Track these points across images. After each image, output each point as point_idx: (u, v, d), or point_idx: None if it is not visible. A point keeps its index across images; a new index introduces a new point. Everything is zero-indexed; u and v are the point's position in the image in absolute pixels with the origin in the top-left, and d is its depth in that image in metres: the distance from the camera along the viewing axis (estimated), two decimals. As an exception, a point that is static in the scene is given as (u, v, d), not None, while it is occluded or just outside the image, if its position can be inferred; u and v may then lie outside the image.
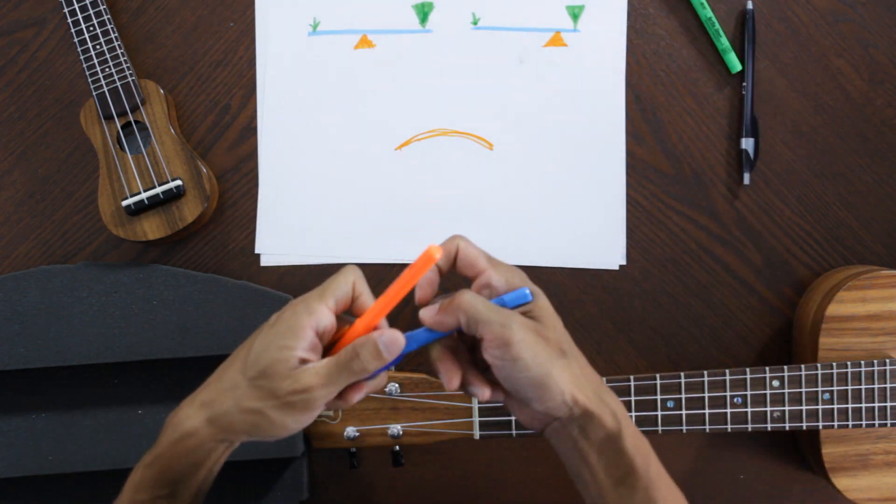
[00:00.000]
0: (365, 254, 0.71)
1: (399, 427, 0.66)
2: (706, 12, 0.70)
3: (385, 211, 0.71)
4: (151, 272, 0.67)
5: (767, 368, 0.64)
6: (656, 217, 0.71)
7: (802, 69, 0.71)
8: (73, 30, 0.68)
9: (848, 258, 0.71)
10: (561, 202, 0.71)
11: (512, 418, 0.65)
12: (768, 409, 0.64)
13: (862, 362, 0.63)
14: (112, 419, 0.67)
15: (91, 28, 0.68)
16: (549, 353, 0.45)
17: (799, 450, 0.71)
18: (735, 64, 0.70)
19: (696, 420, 0.63)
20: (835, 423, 0.64)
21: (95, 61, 0.68)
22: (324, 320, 0.46)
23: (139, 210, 0.67)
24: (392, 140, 0.72)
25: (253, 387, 0.46)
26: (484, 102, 0.72)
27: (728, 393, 0.64)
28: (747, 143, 0.70)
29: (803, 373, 0.64)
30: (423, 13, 0.72)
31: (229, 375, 0.48)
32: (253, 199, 0.72)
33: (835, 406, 0.64)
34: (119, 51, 0.68)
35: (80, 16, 0.68)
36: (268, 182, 0.72)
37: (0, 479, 0.66)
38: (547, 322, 0.46)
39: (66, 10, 0.68)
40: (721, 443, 0.71)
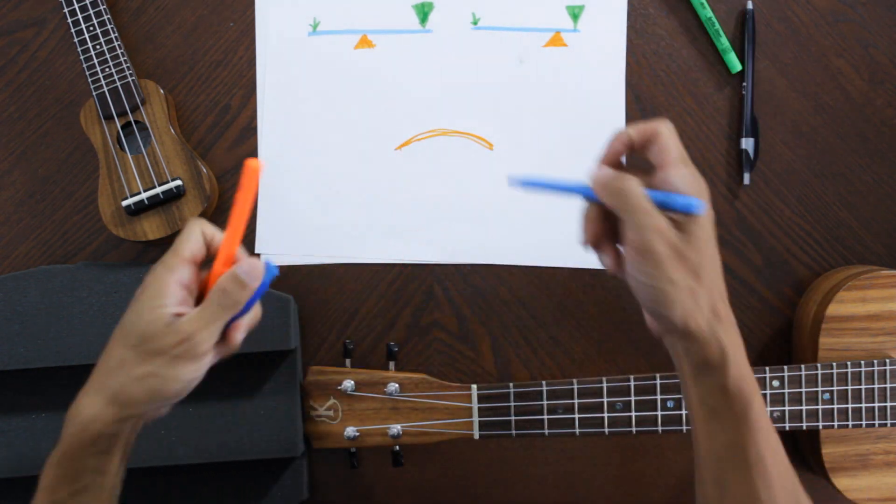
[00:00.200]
0: (365, 253, 0.71)
1: (399, 427, 0.66)
2: (706, 12, 0.70)
3: (385, 211, 0.71)
4: (151, 272, 0.67)
5: (767, 368, 0.64)
6: (656, 217, 0.71)
7: (802, 69, 0.71)
8: (73, 30, 0.68)
9: (848, 258, 0.71)
10: (561, 202, 0.71)
11: (512, 418, 0.65)
12: (768, 409, 0.64)
13: (862, 362, 0.63)
14: (112, 419, 0.67)
15: (91, 28, 0.68)
16: (678, 273, 0.45)
17: (799, 450, 0.71)
18: (735, 64, 0.70)
19: (696, 420, 0.63)
20: (835, 423, 0.64)
21: (95, 61, 0.68)
22: (185, 273, 0.48)
23: (139, 210, 0.67)
24: (392, 140, 0.72)
25: (139, 353, 0.47)
26: (484, 102, 0.72)
27: (728, 393, 0.64)
28: (747, 143, 0.70)
29: (803, 373, 0.64)
30: (423, 13, 0.72)
31: (114, 354, 0.48)
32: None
33: (835, 406, 0.64)
34: (119, 51, 0.68)
35: (80, 16, 0.68)
36: (267, 182, 0.72)
37: (0, 479, 0.66)
38: (695, 242, 0.45)
39: (66, 10, 0.68)
40: (721, 443, 0.71)
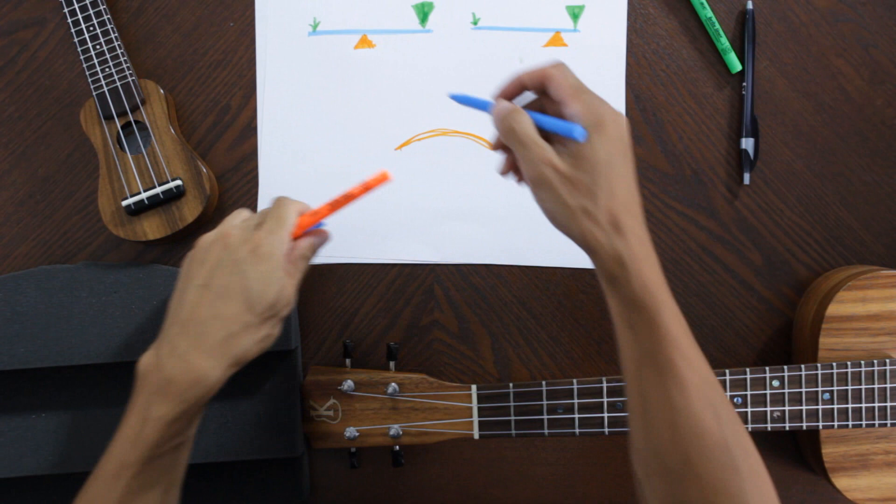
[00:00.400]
0: (364, 253, 0.71)
1: (399, 427, 0.66)
2: (706, 12, 0.70)
3: (385, 211, 0.71)
4: (151, 272, 0.67)
5: (767, 368, 0.64)
6: (656, 217, 0.71)
7: (802, 69, 0.71)
8: (73, 30, 0.68)
9: (848, 258, 0.71)
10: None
11: (512, 418, 0.65)
12: (768, 409, 0.64)
13: (862, 362, 0.63)
14: (112, 419, 0.66)
15: (91, 28, 0.68)
16: (571, 197, 0.49)
17: (799, 450, 0.71)
18: (735, 64, 0.70)
19: (696, 420, 0.63)
20: (835, 423, 0.64)
21: (95, 61, 0.68)
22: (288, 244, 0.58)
23: (139, 210, 0.67)
24: (392, 140, 0.72)
25: (262, 319, 0.55)
26: (484, 102, 0.72)
27: (728, 393, 0.64)
28: (747, 143, 0.70)
29: (803, 373, 0.64)
30: (423, 13, 0.72)
31: (239, 319, 0.54)
32: (253, 199, 0.72)
33: (835, 406, 0.64)
34: (119, 51, 0.68)
35: (80, 16, 0.68)
36: (268, 182, 0.72)
37: (0, 479, 0.66)
38: (586, 164, 0.49)
39: (66, 10, 0.68)
40: (721, 443, 0.71)
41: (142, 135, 0.69)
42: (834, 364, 0.63)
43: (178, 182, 0.67)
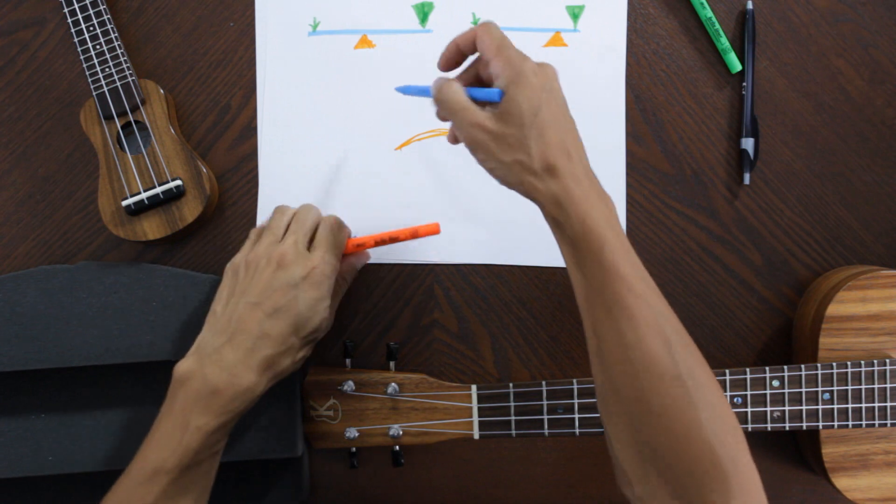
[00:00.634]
0: (369, 253, 0.71)
1: (399, 427, 0.66)
2: (706, 12, 0.70)
3: (385, 210, 0.71)
4: (151, 272, 0.67)
5: (767, 368, 0.64)
6: (656, 217, 0.71)
7: (802, 69, 0.71)
8: (73, 30, 0.68)
9: (848, 258, 0.71)
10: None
11: (512, 418, 0.65)
12: (768, 409, 0.64)
13: (862, 362, 0.63)
14: (112, 419, 0.67)
15: (91, 28, 0.68)
16: (504, 154, 0.51)
17: (799, 450, 0.71)
18: (735, 64, 0.70)
19: (696, 420, 0.63)
20: (835, 423, 0.64)
21: (95, 61, 0.68)
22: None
23: (139, 210, 0.67)
24: (392, 140, 0.72)
25: (304, 342, 0.59)
26: (484, 102, 0.71)
27: (728, 393, 0.64)
28: (747, 143, 0.70)
29: (803, 373, 0.64)
30: (424, 13, 0.72)
31: (281, 337, 0.57)
32: (253, 199, 0.72)
33: (835, 406, 0.64)
34: (119, 51, 0.68)
35: (80, 16, 0.68)
36: (267, 182, 0.72)
37: (0, 479, 0.66)
38: (512, 119, 0.51)
39: (66, 10, 0.68)
40: (721, 443, 0.71)
41: (142, 135, 0.69)
42: (834, 364, 0.63)
43: (178, 182, 0.67)
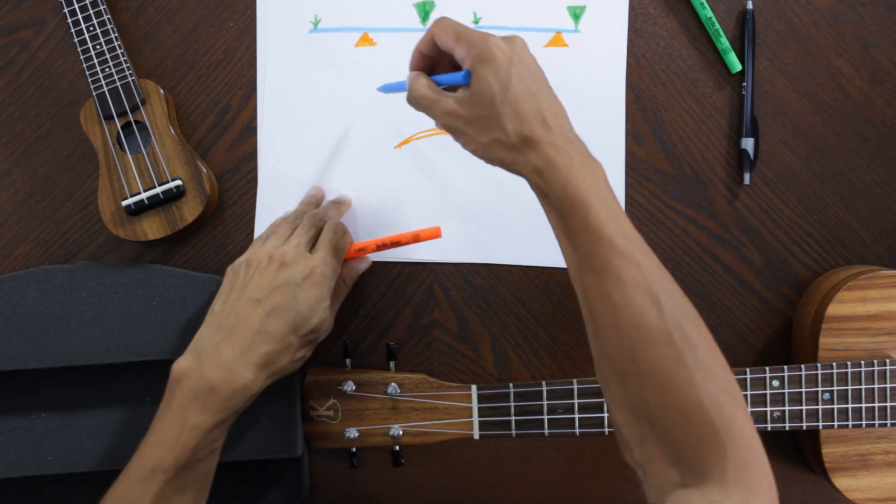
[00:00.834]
0: (370, 258, 0.71)
1: (399, 427, 0.66)
2: (706, 12, 0.70)
3: (385, 209, 0.71)
4: (151, 272, 0.67)
5: (767, 368, 0.64)
6: (656, 217, 0.71)
7: (802, 69, 0.71)
8: (73, 30, 0.68)
9: (848, 258, 0.71)
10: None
11: (512, 418, 0.65)
12: (768, 409, 0.64)
13: (862, 362, 0.63)
14: (112, 419, 0.67)
15: (91, 28, 0.68)
16: (479, 134, 0.52)
17: (799, 450, 0.71)
18: (735, 64, 0.70)
19: (697, 420, 0.63)
20: (835, 423, 0.64)
21: (95, 61, 0.68)
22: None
23: (139, 210, 0.67)
24: (392, 138, 0.72)
25: (303, 341, 0.59)
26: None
27: (728, 393, 0.64)
28: (747, 143, 0.70)
29: (803, 373, 0.64)
30: (425, 11, 0.72)
31: (280, 335, 0.57)
32: (253, 199, 0.72)
33: (835, 406, 0.64)
34: (119, 51, 0.68)
35: (80, 16, 0.68)
36: (267, 182, 0.72)
37: (0, 479, 0.66)
38: (479, 98, 0.51)
39: (66, 10, 0.68)
40: (721, 443, 0.71)
41: (142, 135, 0.69)
42: (834, 364, 0.63)
43: (178, 182, 0.67)
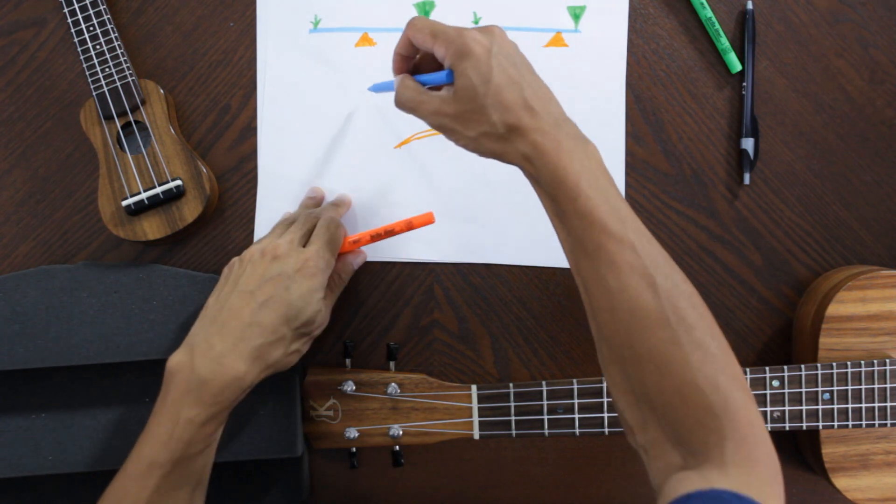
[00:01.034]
0: (366, 253, 0.71)
1: (399, 427, 0.66)
2: (706, 12, 0.70)
3: (385, 209, 0.71)
4: (151, 272, 0.67)
5: (767, 368, 0.64)
6: (656, 217, 0.71)
7: (802, 69, 0.71)
8: (73, 30, 0.68)
9: (848, 258, 0.71)
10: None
11: (512, 418, 0.65)
12: (768, 409, 0.64)
13: (862, 362, 0.63)
14: (112, 419, 0.67)
15: (91, 28, 0.68)
16: (467, 129, 0.52)
17: (799, 450, 0.71)
18: (735, 64, 0.70)
19: (697, 420, 0.63)
20: (835, 423, 0.64)
21: (95, 61, 0.68)
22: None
23: (139, 210, 0.67)
24: (392, 139, 0.72)
25: (297, 333, 0.59)
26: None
27: (728, 393, 0.64)
28: (747, 143, 0.70)
29: (803, 373, 0.64)
30: (425, 12, 0.72)
31: (276, 331, 0.57)
32: (253, 199, 0.72)
33: (835, 406, 0.64)
34: (119, 51, 0.68)
35: (80, 16, 0.68)
36: (267, 182, 0.72)
37: (0, 479, 0.66)
38: (464, 94, 0.51)
39: (66, 10, 0.68)
40: (721, 443, 0.71)
41: (142, 135, 0.69)
42: (834, 364, 0.63)
43: (178, 182, 0.67)
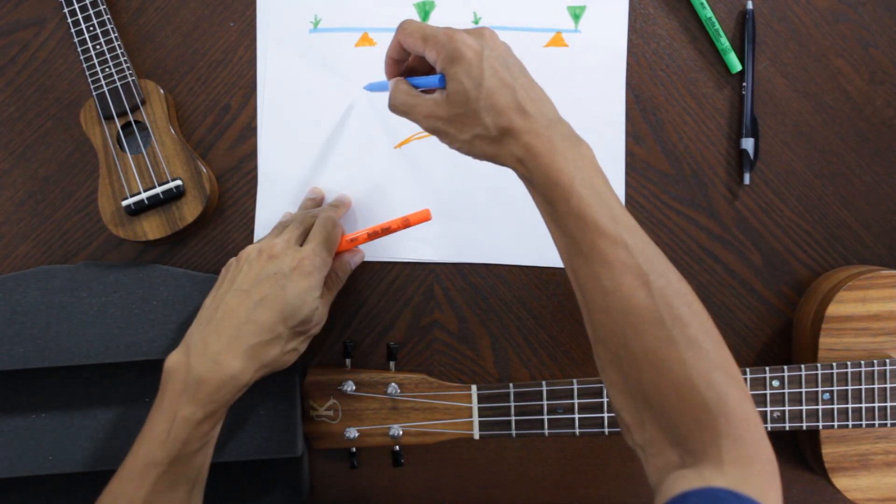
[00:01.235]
0: (364, 252, 0.71)
1: (399, 427, 0.66)
2: (706, 12, 0.70)
3: (385, 209, 0.71)
4: (151, 272, 0.67)
5: (767, 368, 0.64)
6: (656, 217, 0.71)
7: (802, 69, 0.71)
8: (73, 30, 0.68)
9: (848, 258, 0.71)
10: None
11: (512, 418, 0.65)
12: (768, 409, 0.64)
13: (862, 362, 0.63)
14: (112, 419, 0.67)
15: (91, 28, 0.68)
16: (461, 132, 0.52)
17: (799, 450, 0.71)
18: (735, 64, 0.70)
19: (697, 420, 0.63)
20: (835, 423, 0.64)
21: (95, 61, 0.68)
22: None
23: (139, 210, 0.67)
24: (391, 138, 0.72)
25: (293, 332, 0.59)
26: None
27: (728, 393, 0.64)
28: (747, 143, 0.70)
29: (803, 373, 0.64)
30: (425, 11, 0.72)
31: (272, 329, 0.57)
32: (253, 199, 0.72)
33: (835, 406, 0.64)
34: (119, 51, 0.68)
35: (80, 16, 0.68)
36: (267, 182, 0.72)
37: (0, 479, 0.66)
38: (457, 97, 0.52)
39: (66, 10, 0.68)
40: (721, 443, 0.71)
41: (142, 135, 0.69)
42: (834, 364, 0.63)
43: (178, 182, 0.67)
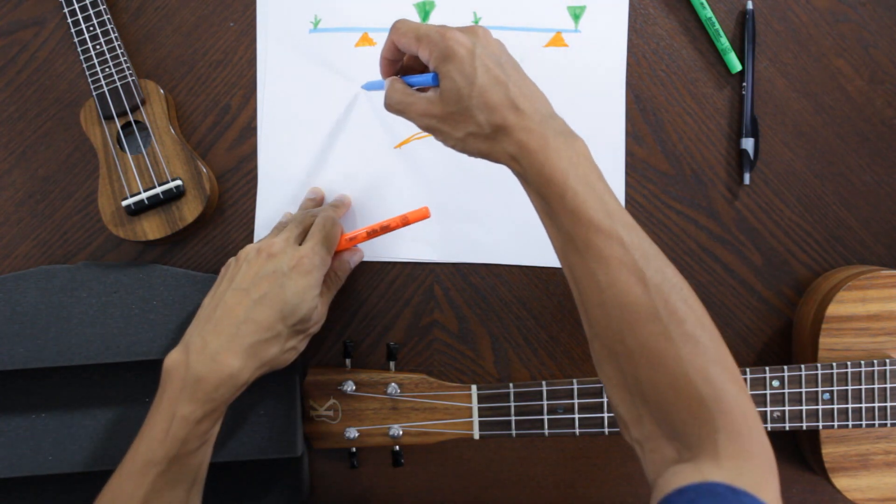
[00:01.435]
0: (363, 251, 0.71)
1: (399, 427, 0.66)
2: (706, 12, 0.70)
3: (385, 209, 0.71)
4: (151, 272, 0.67)
5: (767, 368, 0.64)
6: (656, 217, 0.71)
7: (802, 69, 0.71)
8: (73, 30, 0.68)
9: (848, 258, 0.71)
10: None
11: (512, 418, 0.65)
12: (768, 410, 0.64)
13: (862, 362, 0.63)
14: (112, 419, 0.67)
15: (91, 28, 0.68)
16: (455, 130, 0.53)
17: (799, 450, 0.71)
18: (735, 64, 0.70)
19: (696, 420, 0.63)
20: (835, 423, 0.64)
21: (95, 61, 0.68)
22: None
23: (139, 210, 0.67)
24: (391, 138, 0.72)
25: (292, 331, 0.59)
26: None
27: (728, 393, 0.64)
28: (747, 143, 0.70)
29: (803, 373, 0.64)
30: (425, 11, 0.72)
31: (272, 328, 0.57)
32: (253, 199, 0.72)
33: (835, 406, 0.64)
34: (119, 51, 0.68)
35: (80, 16, 0.68)
36: (267, 182, 0.72)
37: (0, 479, 0.66)
38: (450, 95, 0.52)
39: (66, 10, 0.68)
40: (721, 443, 0.71)
41: (142, 135, 0.69)
42: (834, 364, 0.63)
43: (178, 182, 0.67)
